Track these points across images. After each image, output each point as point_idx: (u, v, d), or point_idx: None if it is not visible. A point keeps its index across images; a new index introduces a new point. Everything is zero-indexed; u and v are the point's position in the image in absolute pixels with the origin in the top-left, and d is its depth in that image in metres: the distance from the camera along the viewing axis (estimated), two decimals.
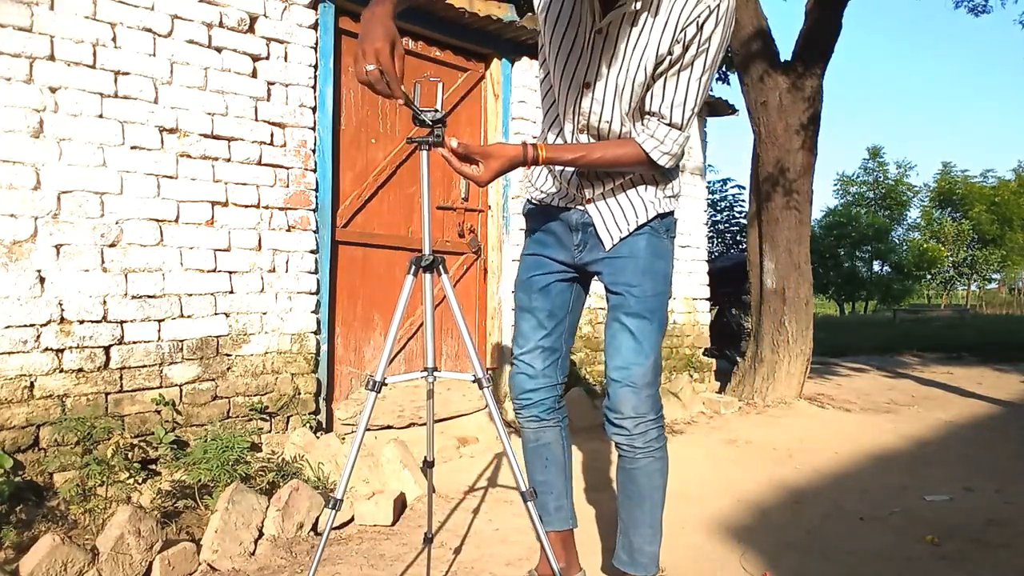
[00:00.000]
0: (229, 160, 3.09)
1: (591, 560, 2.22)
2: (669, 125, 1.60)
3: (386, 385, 1.67)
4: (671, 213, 1.80)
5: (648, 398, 1.70)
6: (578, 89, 1.65)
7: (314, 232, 3.36)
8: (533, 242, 1.90)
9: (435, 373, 1.72)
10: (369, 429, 3.48)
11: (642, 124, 1.64)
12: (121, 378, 2.77)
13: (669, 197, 1.77)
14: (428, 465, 1.92)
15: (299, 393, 3.29)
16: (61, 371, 2.63)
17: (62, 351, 2.64)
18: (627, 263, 1.73)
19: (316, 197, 3.38)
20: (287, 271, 3.26)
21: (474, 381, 1.65)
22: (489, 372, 1.80)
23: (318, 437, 3.19)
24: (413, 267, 1.66)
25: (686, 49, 1.54)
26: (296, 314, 3.29)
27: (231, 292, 3.09)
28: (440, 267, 1.66)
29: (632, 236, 1.74)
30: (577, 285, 1.91)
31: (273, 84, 3.23)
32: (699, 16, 1.51)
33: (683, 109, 1.59)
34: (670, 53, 1.55)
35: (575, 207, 1.80)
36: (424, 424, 3.81)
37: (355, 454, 1.62)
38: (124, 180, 2.80)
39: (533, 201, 1.90)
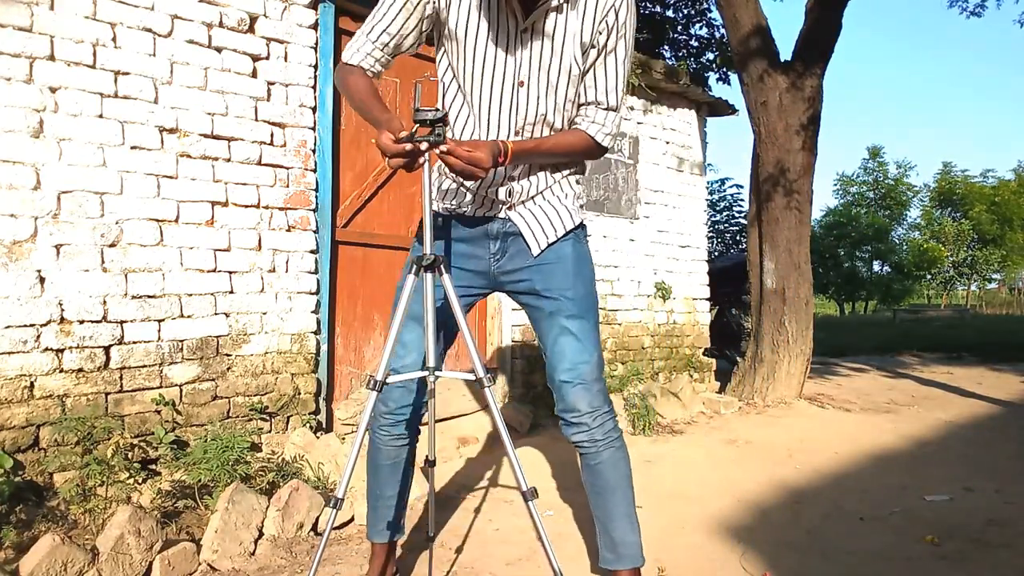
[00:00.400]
0: (229, 160, 3.09)
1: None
2: (607, 109, 1.74)
3: (388, 385, 1.69)
4: (583, 222, 1.88)
5: (600, 392, 1.77)
6: (512, 89, 1.69)
7: (314, 232, 3.36)
8: (440, 250, 1.82)
9: (436, 373, 1.71)
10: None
11: (581, 113, 1.75)
12: (121, 378, 2.77)
13: (581, 206, 1.88)
14: (429, 464, 1.91)
15: (299, 393, 3.29)
16: (61, 371, 2.63)
17: (62, 351, 2.64)
18: (556, 268, 1.78)
19: (316, 197, 3.38)
20: (287, 271, 3.27)
21: (475, 381, 1.65)
22: (490, 372, 1.78)
23: (318, 437, 3.19)
24: (414, 266, 1.66)
25: (608, 36, 1.68)
26: (296, 314, 3.29)
27: (231, 292, 3.09)
28: (441, 267, 1.66)
29: (558, 243, 1.80)
30: (472, 302, 1.89)
31: (273, 84, 3.23)
32: (615, 3, 1.66)
33: (616, 92, 1.73)
34: (593, 44, 1.68)
35: (495, 215, 1.79)
36: (424, 424, 3.81)
37: (356, 454, 1.62)
38: (124, 180, 2.80)
39: (440, 210, 1.84)
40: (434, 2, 1.69)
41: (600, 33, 1.67)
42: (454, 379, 4.08)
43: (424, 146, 1.51)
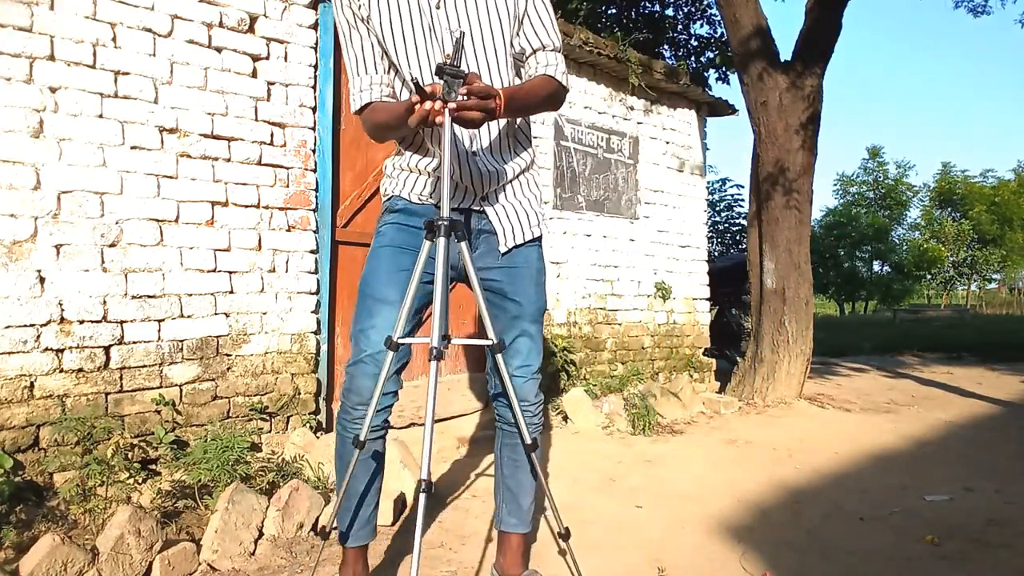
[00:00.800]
0: (229, 160, 3.09)
1: (595, 559, 2.22)
2: (554, 51, 1.78)
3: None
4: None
5: (540, 385, 1.97)
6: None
7: (314, 232, 3.36)
8: (407, 233, 1.80)
9: (449, 340, 1.66)
10: None
11: (531, 62, 1.78)
12: (121, 378, 2.77)
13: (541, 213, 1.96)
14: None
15: (299, 393, 3.29)
16: (61, 371, 2.63)
17: (62, 351, 2.64)
18: (523, 272, 1.87)
19: (316, 197, 3.38)
20: (287, 271, 3.26)
21: (490, 348, 1.73)
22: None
23: (318, 437, 3.19)
24: (427, 231, 1.60)
25: None
26: (296, 314, 3.29)
27: (231, 292, 3.09)
28: (460, 233, 1.61)
29: (526, 246, 1.88)
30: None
31: (273, 84, 3.23)
32: None
33: (555, 31, 1.79)
34: None
35: (469, 208, 1.81)
36: (423, 424, 3.81)
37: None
38: (124, 180, 2.80)
39: (408, 199, 1.83)
40: (365, 18, 1.73)
41: None
42: (454, 378, 4.10)
43: (439, 104, 1.47)
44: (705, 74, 10.34)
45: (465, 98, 1.47)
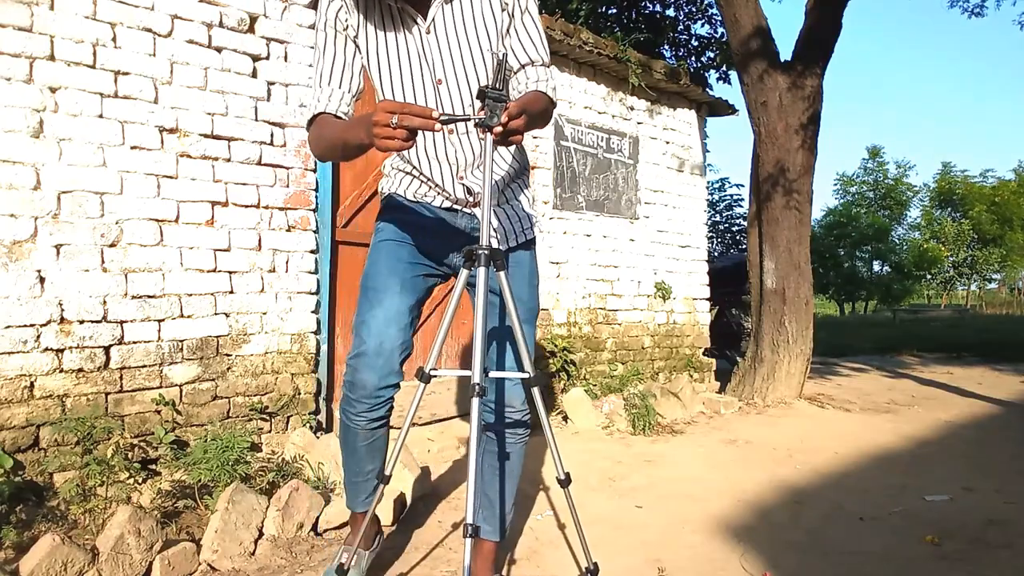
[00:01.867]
0: (229, 160, 3.09)
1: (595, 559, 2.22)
2: (543, 65, 1.77)
3: (435, 378, 1.74)
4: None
5: (534, 387, 1.90)
6: (433, 89, 1.71)
7: (314, 232, 3.36)
8: (405, 228, 1.81)
9: (488, 373, 1.68)
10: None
11: (522, 76, 1.75)
12: (121, 378, 2.77)
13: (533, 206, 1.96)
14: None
15: (299, 393, 3.29)
16: (61, 371, 2.63)
17: (62, 351, 2.63)
18: (517, 272, 1.87)
19: (316, 197, 3.38)
20: (287, 271, 3.26)
21: (525, 381, 1.75)
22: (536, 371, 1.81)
23: (318, 437, 3.19)
24: (466, 259, 1.60)
25: (517, 1, 1.72)
26: (296, 314, 3.29)
27: (231, 292, 3.09)
28: (498, 261, 1.60)
29: (519, 249, 1.89)
30: (433, 285, 1.89)
31: (273, 84, 3.23)
32: None
33: (543, 45, 1.76)
34: (504, 8, 1.71)
35: (462, 210, 1.82)
36: (424, 424, 3.81)
37: (400, 445, 1.75)
38: (124, 180, 2.80)
39: (406, 197, 1.83)
40: (351, 26, 1.70)
41: (507, 1, 1.71)
42: (453, 378, 4.09)
43: (491, 121, 1.44)
44: (705, 74, 10.34)
45: (505, 120, 1.44)
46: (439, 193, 1.81)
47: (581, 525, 1.94)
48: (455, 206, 1.82)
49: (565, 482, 1.84)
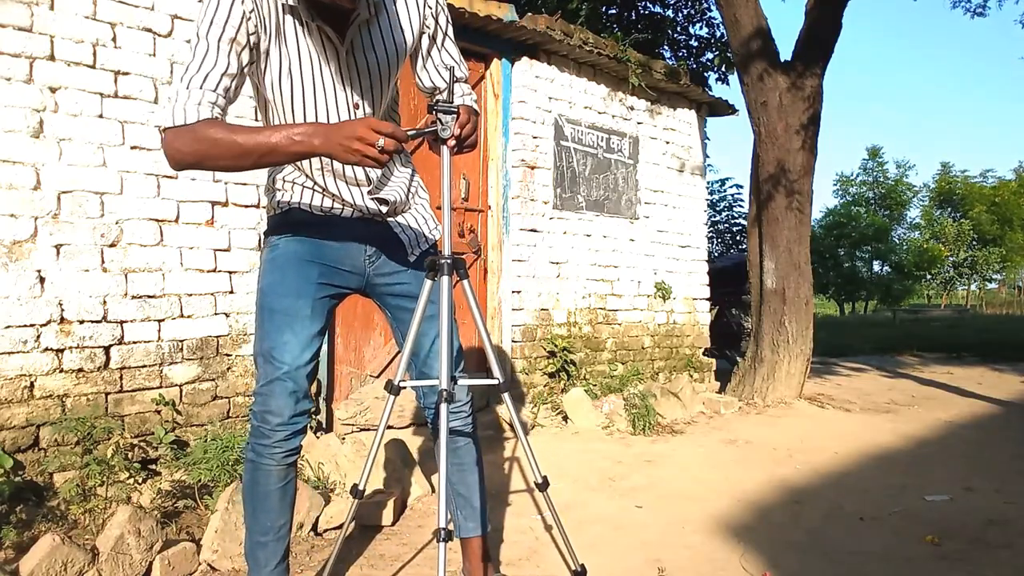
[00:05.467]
0: None
1: (595, 560, 2.22)
2: (465, 81, 1.84)
3: (404, 389, 1.75)
4: None
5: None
6: (349, 112, 1.67)
7: None
8: (310, 245, 1.73)
9: (456, 381, 1.71)
10: (366, 429, 3.49)
11: (458, 90, 1.80)
12: (121, 378, 2.77)
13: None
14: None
15: None
16: (61, 371, 2.63)
17: (62, 351, 2.64)
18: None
19: None
20: None
21: (497, 386, 1.74)
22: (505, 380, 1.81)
23: (318, 437, 3.19)
24: (429, 270, 1.65)
25: (437, 19, 1.76)
26: None
27: (231, 292, 3.09)
28: (460, 270, 1.67)
29: (431, 248, 1.89)
30: (336, 306, 1.85)
31: None
32: None
33: (463, 63, 1.84)
34: (424, 31, 1.75)
35: (372, 218, 1.78)
36: (424, 424, 3.80)
37: (376, 448, 1.77)
38: (124, 180, 2.80)
39: (312, 210, 1.75)
40: (254, 45, 1.54)
41: (428, 21, 1.74)
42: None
43: (446, 134, 1.58)
44: (705, 74, 10.34)
45: (459, 131, 1.57)
46: (345, 205, 1.74)
47: (564, 528, 1.95)
48: (367, 215, 1.77)
49: (543, 486, 1.85)
